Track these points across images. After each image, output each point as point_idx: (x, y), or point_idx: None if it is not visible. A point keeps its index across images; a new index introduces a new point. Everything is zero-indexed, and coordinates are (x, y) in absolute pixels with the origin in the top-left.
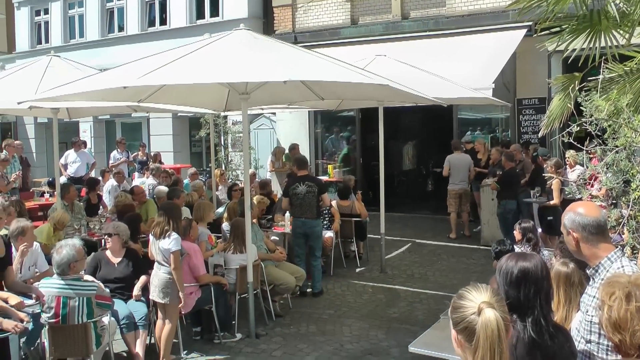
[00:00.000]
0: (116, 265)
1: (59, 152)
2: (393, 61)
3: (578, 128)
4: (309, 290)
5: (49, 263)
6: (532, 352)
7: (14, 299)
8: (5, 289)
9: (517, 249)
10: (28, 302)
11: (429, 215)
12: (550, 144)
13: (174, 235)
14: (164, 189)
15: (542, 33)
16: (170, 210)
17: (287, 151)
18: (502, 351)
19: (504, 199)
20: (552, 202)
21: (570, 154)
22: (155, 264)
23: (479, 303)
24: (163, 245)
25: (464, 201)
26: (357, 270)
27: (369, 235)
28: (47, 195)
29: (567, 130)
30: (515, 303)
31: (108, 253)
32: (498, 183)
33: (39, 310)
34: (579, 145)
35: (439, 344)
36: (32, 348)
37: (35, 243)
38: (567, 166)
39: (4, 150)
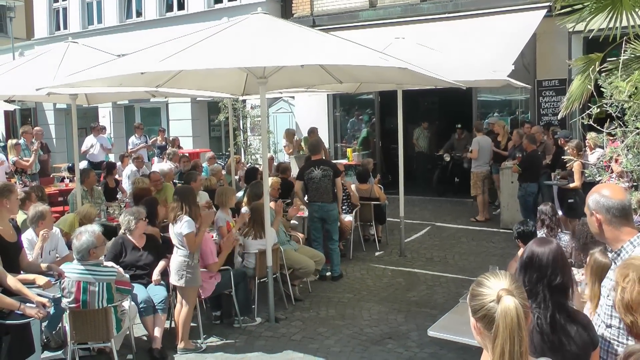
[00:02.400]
0: (141, 250)
1: (78, 138)
2: (412, 44)
3: (598, 110)
4: (328, 274)
5: (70, 248)
6: (535, 340)
7: (41, 279)
8: (22, 273)
9: (538, 233)
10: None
11: (448, 198)
12: (570, 125)
13: (185, 218)
14: (166, 167)
15: (562, 11)
16: (184, 194)
17: (305, 135)
18: (522, 338)
19: (526, 181)
20: (572, 185)
21: (590, 136)
22: (174, 248)
23: (498, 290)
24: (176, 229)
25: (486, 184)
26: (377, 253)
27: (388, 219)
28: (67, 181)
29: (587, 112)
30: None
31: (132, 238)
32: (519, 165)
33: (60, 295)
34: (599, 127)
35: (458, 328)
36: (53, 332)
37: (55, 228)
38: (587, 148)
39: (22, 137)
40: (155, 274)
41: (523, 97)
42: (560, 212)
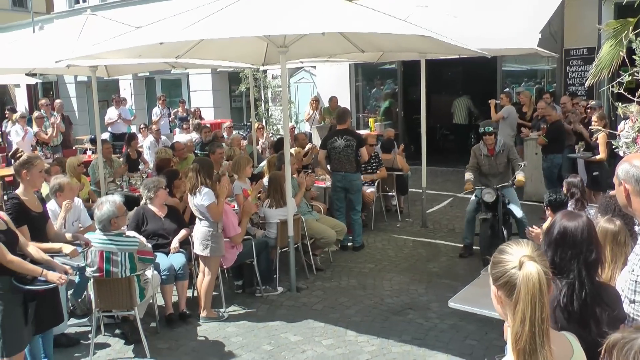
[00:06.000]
0: (163, 219)
1: (99, 110)
2: (435, 12)
3: (630, 77)
4: (349, 244)
5: (92, 218)
6: (558, 316)
7: (67, 248)
8: (49, 242)
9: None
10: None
11: None
12: (599, 94)
13: (204, 189)
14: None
15: None
16: (200, 165)
17: (326, 105)
18: (544, 305)
19: (551, 152)
20: (597, 157)
21: (620, 105)
22: (197, 219)
23: (520, 257)
24: (196, 201)
25: None
26: (398, 224)
27: (410, 190)
28: (89, 153)
29: (618, 80)
30: (551, 264)
31: (153, 208)
32: (545, 137)
33: (84, 264)
34: (629, 96)
35: (479, 300)
36: (79, 300)
37: (77, 199)
38: (628, 120)
39: (42, 109)
40: (174, 243)
41: (549, 67)
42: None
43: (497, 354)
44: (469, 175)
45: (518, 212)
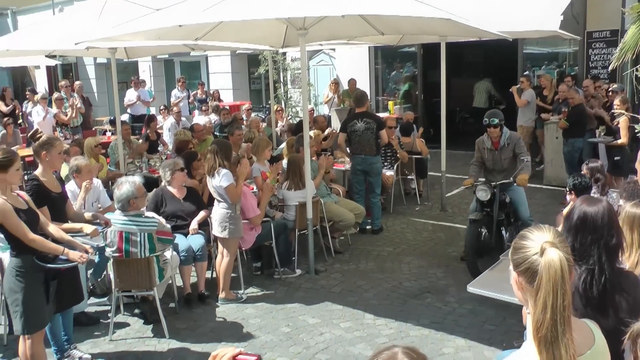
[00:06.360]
0: (182, 200)
1: (118, 92)
2: None
3: None
4: (368, 227)
5: (111, 199)
6: (576, 302)
7: (88, 228)
8: (69, 222)
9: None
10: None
11: None
12: (622, 78)
13: (223, 171)
14: (203, 120)
15: None
16: (218, 147)
17: (345, 88)
18: (565, 292)
19: (573, 137)
20: (619, 142)
21: None
22: (215, 201)
23: (542, 243)
24: (215, 182)
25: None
26: (417, 208)
27: (429, 173)
28: (108, 134)
29: None
30: (571, 250)
31: (171, 189)
32: (567, 120)
33: (104, 244)
34: None
35: (498, 285)
36: (98, 279)
37: (96, 180)
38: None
39: (61, 91)
40: (193, 224)
41: (571, 50)
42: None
43: (516, 339)
44: (472, 171)
45: (523, 212)
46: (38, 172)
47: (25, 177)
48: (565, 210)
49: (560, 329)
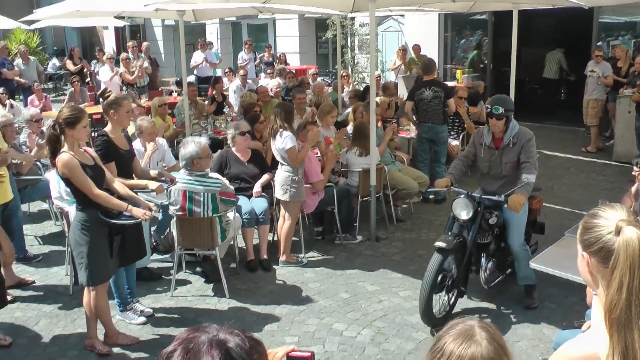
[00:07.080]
0: (246, 163)
1: (185, 54)
2: None
3: None
4: (431, 196)
5: (177, 159)
6: None
7: (153, 184)
8: (136, 178)
9: None
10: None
11: (558, 126)
12: None
13: (286, 133)
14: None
15: None
16: (280, 109)
17: (412, 55)
18: None
19: None
20: None
21: None
22: (279, 163)
23: (617, 221)
24: (278, 144)
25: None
26: None
27: None
28: (175, 94)
29: None
30: None
31: (235, 151)
32: None
33: (167, 202)
34: None
35: (561, 263)
36: (162, 236)
37: (162, 139)
38: None
39: (129, 51)
40: (256, 187)
41: None
42: None
43: (577, 319)
44: (453, 167)
45: (516, 238)
46: (107, 129)
47: (94, 134)
48: (634, 188)
49: (635, 311)
